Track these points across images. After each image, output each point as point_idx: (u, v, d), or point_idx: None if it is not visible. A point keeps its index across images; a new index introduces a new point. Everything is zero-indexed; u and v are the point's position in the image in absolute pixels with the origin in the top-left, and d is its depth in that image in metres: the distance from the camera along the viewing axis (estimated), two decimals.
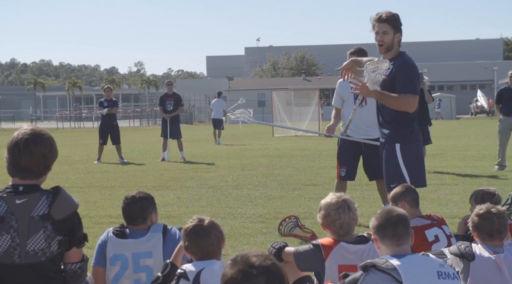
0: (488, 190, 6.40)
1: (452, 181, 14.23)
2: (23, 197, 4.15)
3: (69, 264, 4.28)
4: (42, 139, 4.24)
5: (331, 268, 5.04)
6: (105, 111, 20.92)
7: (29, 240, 4.10)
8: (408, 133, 6.91)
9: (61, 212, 4.16)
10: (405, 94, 6.71)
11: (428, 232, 5.87)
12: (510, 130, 16.48)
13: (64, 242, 4.20)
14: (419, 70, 7.64)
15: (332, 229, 5.24)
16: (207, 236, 4.43)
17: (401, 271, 4.03)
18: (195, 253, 4.45)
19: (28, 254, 4.12)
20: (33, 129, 4.29)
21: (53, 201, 4.15)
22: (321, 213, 5.29)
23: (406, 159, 6.87)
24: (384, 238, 4.32)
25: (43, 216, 4.12)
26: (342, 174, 9.65)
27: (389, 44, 6.87)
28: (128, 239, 5.41)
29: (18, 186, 4.20)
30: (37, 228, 4.11)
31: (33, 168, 4.21)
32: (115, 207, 10.95)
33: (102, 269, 5.37)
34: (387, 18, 6.82)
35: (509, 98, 16.58)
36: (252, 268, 2.90)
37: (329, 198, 5.31)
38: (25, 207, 4.13)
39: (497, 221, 5.03)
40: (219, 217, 10.38)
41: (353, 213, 5.21)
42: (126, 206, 5.49)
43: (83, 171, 18.02)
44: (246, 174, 16.55)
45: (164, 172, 17.33)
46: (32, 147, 4.18)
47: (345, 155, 9.64)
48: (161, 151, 21.14)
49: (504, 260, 4.96)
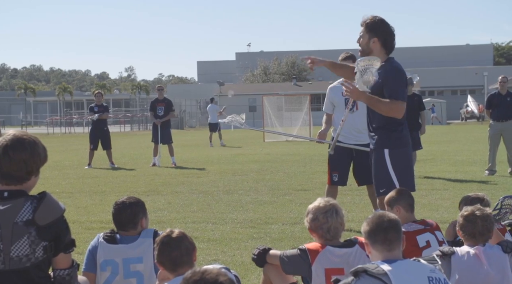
0: (477, 195, 6.46)
1: (443, 186, 14.25)
2: (7, 203, 4.13)
3: (57, 270, 4.25)
4: (23, 144, 4.21)
5: (317, 272, 5.04)
6: (96, 117, 20.92)
7: (13, 246, 4.07)
8: (397, 139, 6.92)
9: (46, 217, 4.13)
10: (395, 100, 6.73)
11: (420, 238, 5.90)
12: (500, 135, 16.54)
13: (50, 248, 4.16)
14: (410, 75, 7.71)
15: (319, 233, 5.25)
16: (176, 246, 4.38)
17: (391, 276, 4.04)
18: (164, 263, 4.38)
19: (12, 260, 4.09)
20: (15, 135, 4.26)
21: (37, 207, 4.13)
22: (308, 217, 5.30)
23: (395, 164, 6.88)
24: (376, 243, 4.32)
25: (27, 222, 4.09)
26: (334, 179, 9.68)
27: (363, 47, 6.90)
28: (118, 244, 5.40)
29: (2, 192, 4.17)
30: (21, 234, 4.08)
31: (14, 174, 4.18)
32: (106, 212, 10.93)
33: (92, 274, 5.36)
34: (364, 22, 6.89)
35: (499, 104, 16.64)
36: None
37: (317, 202, 5.33)
38: (9, 213, 4.10)
39: (480, 224, 5.13)
40: (210, 222, 10.39)
41: (340, 218, 5.22)
42: (117, 211, 5.48)
43: (73, 177, 17.99)
44: (237, 179, 16.55)
45: (155, 177, 17.32)
46: (11, 152, 4.16)
47: (337, 160, 9.64)
48: (152, 156, 21.16)
49: (484, 252, 5.06)
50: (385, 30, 6.87)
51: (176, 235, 4.42)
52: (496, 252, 5.18)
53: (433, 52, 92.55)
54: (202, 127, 70.05)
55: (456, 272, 5.00)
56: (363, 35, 6.88)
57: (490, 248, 5.18)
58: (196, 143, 35.14)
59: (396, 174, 6.85)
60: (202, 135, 41.37)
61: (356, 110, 9.39)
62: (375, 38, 6.84)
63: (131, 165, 21.19)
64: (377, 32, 6.84)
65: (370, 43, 6.86)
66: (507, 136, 16.45)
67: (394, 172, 6.86)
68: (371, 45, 6.86)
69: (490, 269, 5.04)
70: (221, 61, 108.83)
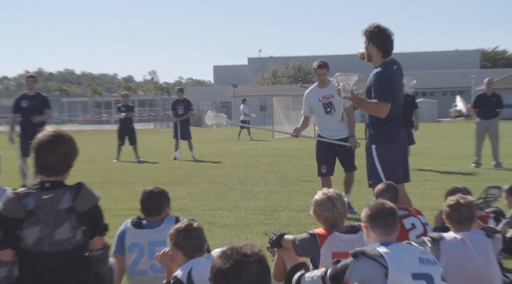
0: (460, 187, 6.57)
1: (434, 177, 14.24)
2: (49, 193, 4.17)
3: (92, 251, 4.30)
4: (63, 139, 4.27)
5: (325, 255, 5.06)
6: (123, 115, 20.97)
7: (56, 230, 4.12)
8: (383, 136, 6.96)
9: (84, 205, 4.18)
10: (379, 101, 6.79)
11: (406, 221, 6.02)
12: (486, 132, 16.52)
13: (88, 232, 4.22)
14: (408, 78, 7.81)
15: (321, 221, 5.31)
16: (198, 236, 4.45)
17: (387, 258, 4.07)
18: (184, 249, 4.40)
19: (56, 243, 4.13)
20: (55, 131, 4.31)
21: (76, 196, 4.18)
22: (312, 209, 5.38)
23: (381, 158, 6.93)
24: (376, 227, 4.36)
25: (68, 209, 4.14)
26: (323, 171, 9.88)
27: (366, 52, 7.07)
28: (144, 229, 5.44)
29: (44, 183, 4.22)
30: (63, 220, 4.13)
31: (56, 166, 4.23)
32: (133, 201, 10.97)
33: (121, 256, 5.40)
34: (363, 31, 7.01)
35: (485, 103, 16.64)
36: (246, 257, 2.92)
37: (317, 195, 5.40)
38: (52, 201, 4.15)
39: (465, 211, 5.18)
40: (225, 209, 10.41)
41: (337, 209, 5.25)
42: (145, 199, 5.53)
43: (104, 169, 18.06)
44: (249, 171, 16.57)
45: (176, 170, 17.36)
46: (55, 147, 4.21)
47: (323, 155, 9.90)
48: (173, 151, 21.20)
49: (469, 237, 5.08)
50: (380, 36, 6.95)
51: (197, 226, 4.48)
52: (480, 236, 5.19)
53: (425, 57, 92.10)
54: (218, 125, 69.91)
55: (445, 255, 5.02)
56: (365, 42, 7.04)
57: (475, 233, 5.20)
58: (213, 139, 35.11)
59: (382, 167, 6.90)
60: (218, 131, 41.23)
61: (334, 112, 9.72)
62: (371, 44, 6.96)
63: (154, 158, 21.21)
64: (372, 39, 6.97)
65: (369, 49, 6.99)
66: (491, 133, 16.47)
67: (380, 166, 6.91)
68: (369, 50, 7.00)
69: (475, 252, 5.05)
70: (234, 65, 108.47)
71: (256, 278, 2.89)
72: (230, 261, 2.92)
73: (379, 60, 6.97)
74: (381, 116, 6.88)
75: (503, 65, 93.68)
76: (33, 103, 13.65)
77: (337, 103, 9.51)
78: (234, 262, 2.91)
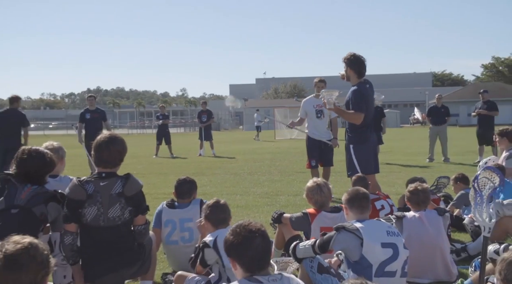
0: (417, 177, 6.59)
1: (398, 169, 14.19)
2: (105, 181, 4.18)
3: (136, 226, 4.29)
4: (117, 140, 4.28)
5: (315, 229, 5.06)
6: (160, 122, 20.98)
7: (109, 210, 4.12)
8: (359, 137, 7.01)
9: (131, 190, 4.18)
10: (355, 112, 6.81)
11: (377, 203, 6.09)
12: (437, 135, 16.49)
13: (133, 211, 4.21)
14: (377, 94, 7.85)
15: (312, 203, 5.31)
16: (224, 210, 4.45)
17: (362, 231, 4.06)
18: (212, 220, 4.39)
19: (109, 219, 4.13)
20: (111, 134, 4.34)
21: (125, 183, 4.17)
22: (305, 193, 5.38)
23: (357, 155, 6.97)
24: (352, 208, 4.36)
25: (119, 194, 4.14)
26: (312, 164, 9.80)
27: (346, 74, 7.07)
28: (176, 209, 5.44)
29: (101, 173, 4.23)
30: (115, 202, 4.13)
31: (111, 161, 4.24)
32: (167, 187, 10.97)
33: (158, 230, 5.40)
34: (343, 58, 7.03)
35: (436, 113, 16.71)
36: (252, 232, 2.90)
37: (309, 183, 5.42)
38: (107, 188, 4.15)
39: (422, 195, 5.22)
40: (238, 194, 10.40)
41: (324, 193, 5.27)
42: (179, 185, 5.52)
43: (145, 163, 18.07)
44: (256, 164, 16.55)
45: (201, 163, 17.35)
46: (111, 145, 4.21)
47: (313, 151, 9.82)
48: (199, 149, 21.19)
49: (425, 216, 5.11)
50: (355, 62, 6.99)
51: (223, 203, 4.48)
52: (434, 215, 5.19)
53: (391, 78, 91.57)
54: (233, 129, 70.01)
55: (406, 229, 5.02)
56: (344, 67, 7.05)
57: (429, 212, 5.20)
58: (229, 140, 35.09)
59: (358, 162, 6.95)
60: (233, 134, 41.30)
61: (323, 117, 9.78)
62: (349, 68, 6.97)
63: (184, 155, 21.21)
64: (350, 65, 7.00)
65: (348, 72, 6.99)
66: (441, 136, 16.45)
67: (357, 161, 6.95)
68: (348, 73, 7.01)
69: (430, 227, 5.05)
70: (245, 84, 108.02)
71: (261, 249, 2.88)
72: (239, 237, 2.90)
73: (355, 80, 7.00)
74: (357, 123, 6.90)
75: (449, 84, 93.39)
76: (94, 116, 14.22)
77: (327, 111, 9.52)
78: (243, 237, 2.89)
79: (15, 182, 4.24)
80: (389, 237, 4.12)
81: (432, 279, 4.96)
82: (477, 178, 3.96)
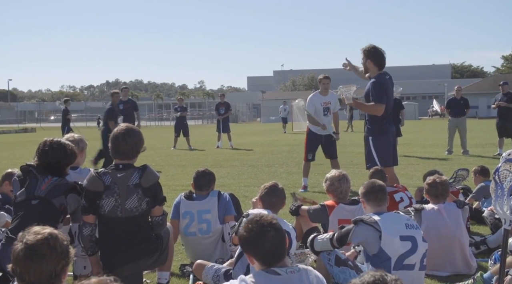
0: (436, 170, 6.59)
1: (416, 162, 14.08)
2: (122, 172, 4.18)
3: (154, 217, 4.29)
4: (134, 132, 4.27)
5: (333, 221, 5.05)
6: (179, 114, 21.04)
7: (127, 201, 4.13)
8: (378, 129, 6.96)
9: (148, 182, 4.17)
10: (375, 103, 6.73)
11: (396, 195, 6.07)
12: (456, 127, 16.35)
13: (150, 202, 4.21)
14: (395, 85, 7.83)
15: (334, 194, 5.29)
16: (279, 195, 4.62)
17: (380, 224, 4.03)
18: (265, 202, 4.56)
19: (127, 210, 4.14)
20: (128, 126, 4.34)
21: (142, 175, 4.17)
22: (326, 183, 5.36)
23: (376, 147, 6.93)
24: (369, 201, 4.33)
25: (136, 185, 4.14)
26: (309, 157, 10.22)
27: (364, 66, 7.04)
28: (194, 201, 5.44)
29: (118, 165, 4.23)
30: (132, 193, 4.13)
31: (128, 152, 4.23)
32: (185, 179, 11.01)
33: (176, 221, 5.42)
34: (362, 50, 6.97)
35: (455, 105, 16.54)
36: (264, 227, 2.91)
37: (332, 172, 5.40)
38: (124, 179, 4.15)
39: (440, 187, 5.18)
40: (256, 186, 10.36)
41: (348, 184, 5.30)
42: (198, 177, 5.53)
43: (163, 154, 18.15)
44: (274, 157, 16.52)
45: (218, 155, 17.38)
46: (127, 137, 4.21)
47: (313, 145, 10.20)
48: (216, 141, 21.22)
49: (443, 208, 5.07)
50: (376, 54, 6.90)
51: (280, 188, 4.68)
52: (452, 207, 5.15)
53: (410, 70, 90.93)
54: (250, 121, 70.03)
55: (425, 222, 4.98)
56: (363, 59, 6.97)
57: (448, 205, 5.16)
58: (246, 132, 35.12)
59: (376, 154, 6.92)
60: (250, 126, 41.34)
61: (329, 114, 10.11)
62: (369, 60, 6.88)
63: (202, 147, 21.26)
64: (370, 56, 6.90)
65: (367, 64, 6.91)
66: (460, 128, 16.31)
67: (375, 153, 6.91)
68: (367, 65, 6.92)
69: (448, 220, 5.01)
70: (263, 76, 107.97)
71: (275, 241, 2.89)
72: (252, 232, 2.91)
73: (375, 72, 6.93)
74: (378, 114, 6.85)
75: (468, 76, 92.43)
76: (126, 106, 15.38)
77: (332, 108, 10.08)
78: (255, 232, 2.90)
79: (36, 173, 4.28)
80: (408, 230, 4.08)
81: (451, 272, 4.92)
82: (498, 171, 3.89)
